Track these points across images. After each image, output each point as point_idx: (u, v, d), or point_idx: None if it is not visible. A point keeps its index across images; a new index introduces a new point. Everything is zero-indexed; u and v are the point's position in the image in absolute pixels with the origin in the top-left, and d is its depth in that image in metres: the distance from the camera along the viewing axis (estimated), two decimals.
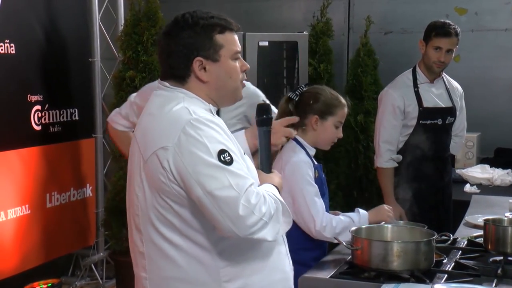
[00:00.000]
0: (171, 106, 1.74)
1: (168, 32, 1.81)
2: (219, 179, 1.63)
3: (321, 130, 2.53)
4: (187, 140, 1.65)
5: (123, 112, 2.80)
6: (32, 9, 3.36)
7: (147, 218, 1.76)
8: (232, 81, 1.82)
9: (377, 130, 3.49)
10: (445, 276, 2.16)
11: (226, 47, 1.79)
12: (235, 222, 1.62)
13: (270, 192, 1.73)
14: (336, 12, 4.84)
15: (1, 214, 3.14)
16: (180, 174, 1.66)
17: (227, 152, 1.66)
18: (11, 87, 3.20)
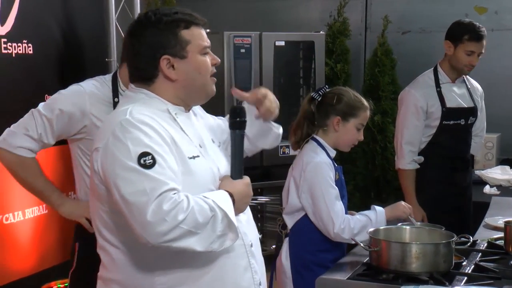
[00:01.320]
0: (122, 107, 1.71)
1: (132, 32, 1.76)
2: (134, 183, 1.57)
3: (343, 132, 2.51)
4: (113, 142, 1.62)
5: (35, 132, 2.39)
6: (50, 9, 3.38)
7: (94, 220, 1.76)
8: (201, 76, 1.76)
9: (398, 131, 3.42)
10: (464, 278, 2.13)
11: (193, 42, 1.74)
12: (144, 228, 1.55)
13: (210, 200, 1.61)
14: (353, 12, 4.82)
15: (19, 214, 3.16)
16: (104, 176, 1.63)
17: (150, 155, 1.59)
18: (29, 87, 3.21)
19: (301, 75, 4.42)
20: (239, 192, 1.72)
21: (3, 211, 3.05)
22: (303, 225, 2.52)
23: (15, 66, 3.12)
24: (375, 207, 2.54)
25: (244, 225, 1.79)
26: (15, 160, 2.38)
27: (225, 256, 1.72)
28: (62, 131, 2.42)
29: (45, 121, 2.38)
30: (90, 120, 2.42)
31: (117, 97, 2.49)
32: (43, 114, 2.39)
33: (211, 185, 1.74)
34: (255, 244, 1.83)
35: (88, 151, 2.45)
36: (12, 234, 3.12)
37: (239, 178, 1.76)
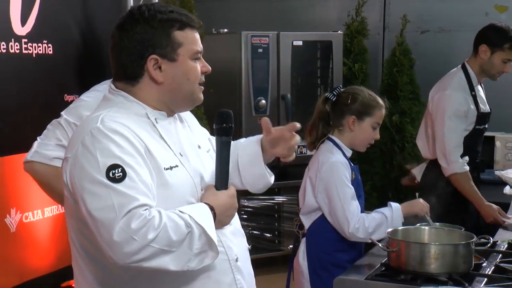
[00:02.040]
0: (97, 112, 1.61)
1: (122, 25, 1.63)
2: (101, 198, 1.45)
3: (358, 131, 2.50)
4: (82, 152, 1.51)
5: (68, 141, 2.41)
6: (69, 10, 3.40)
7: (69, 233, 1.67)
8: (189, 83, 1.64)
9: (443, 135, 3.26)
10: (484, 279, 2.11)
11: (186, 45, 1.62)
12: (111, 248, 1.43)
13: (186, 215, 1.49)
14: (372, 11, 4.79)
15: (38, 213, 3.19)
16: (73, 188, 1.53)
17: (120, 167, 1.47)
18: (48, 87, 3.24)
19: (318, 75, 4.41)
20: (221, 205, 1.59)
21: (23, 210, 3.08)
22: (320, 225, 2.51)
23: (36, 66, 3.14)
24: (391, 203, 2.53)
25: (229, 237, 1.67)
26: (52, 172, 2.28)
27: (206, 274, 1.59)
28: None
29: (75, 128, 2.30)
30: None
31: None
32: (72, 122, 2.32)
33: (190, 197, 1.61)
34: (241, 257, 1.70)
35: None
36: (31, 233, 3.15)
37: (224, 189, 1.63)
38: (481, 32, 3.33)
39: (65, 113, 2.37)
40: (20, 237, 3.07)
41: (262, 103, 3.92)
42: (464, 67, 3.36)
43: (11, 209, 3.01)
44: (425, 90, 4.56)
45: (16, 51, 3.01)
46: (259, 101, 3.92)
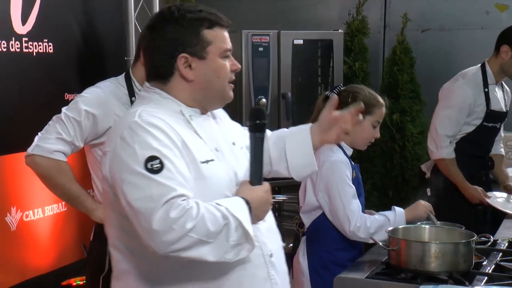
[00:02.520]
0: (134, 108, 1.64)
1: (152, 25, 1.67)
2: (141, 189, 1.49)
3: (359, 130, 2.50)
4: (121, 146, 1.55)
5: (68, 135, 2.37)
6: (70, 9, 3.41)
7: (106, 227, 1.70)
8: (219, 80, 1.67)
9: (440, 121, 3.38)
10: (485, 278, 2.11)
11: (215, 44, 1.65)
12: (151, 237, 1.47)
13: (223, 207, 1.52)
14: (372, 10, 4.78)
15: (39, 211, 3.20)
16: (113, 181, 1.56)
17: (158, 159, 1.50)
18: (49, 86, 3.24)
19: (319, 74, 4.40)
20: (257, 199, 1.61)
21: (23, 208, 3.09)
22: (320, 223, 2.51)
23: (36, 65, 3.14)
24: (395, 208, 2.52)
25: (264, 233, 1.69)
26: (53, 165, 2.33)
27: (241, 267, 1.62)
28: (89, 132, 2.40)
29: (75, 123, 2.36)
30: (114, 121, 2.39)
31: (134, 96, 2.48)
32: (71, 116, 2.36)
33: (226, 191, 1.64)
34: (276, 254, 1.72)
35: None
36: (32, 231, 3.16)
37: (258, 184, 1.65)
38: (504, 32, 3.37)
39: (65, 109, 2.41)
40: (21, 235, 3.07)
41: (262, 101, 3.91)
42: (483, 65, 3.41)
43: (11, 208, 3.02)
44: (426, 89, 4.57)
45: (17, 50, 3.01)
46: (259, 99, 3.91)
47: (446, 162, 3.38)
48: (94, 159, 2.49)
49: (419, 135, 4.49)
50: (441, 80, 4.55)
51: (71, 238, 3.44)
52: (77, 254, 3.49)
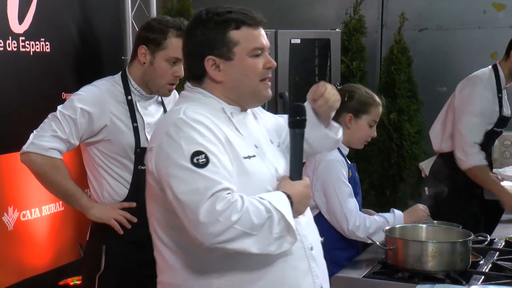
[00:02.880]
0: (178, 106, 1.71)
1: (187, 30, 1.77)
2: (187, 182, 1.54)
3: (355, 129, 2.50)
4: (166, 142, 1.61)
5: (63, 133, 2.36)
6: (67, 8, 3.40)
7: (150, 222, 1.74)
8: (249, 79, 1.71)
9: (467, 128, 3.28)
10: (482, 277, 2.11)
11: (242, 44, 1.69)
12: (197, 229, 1.52)
13: (266, 201, 1.57)
14: (370, 9, 4.79)
15: (36, 211, 3.19)
16: (159, 176, 1.62)
17: (204, 154, 1.56)
18: (46, 85, 3.24)
19: (316, 73, 4.41)
20: (298, 194, 1.66)
21: (20, 208, 3.08)
22: (317, 223, 2.51)
23: (33, 64, 3.14)
24: (394, 210, 2.52)
25: (304, 227, 1.73)
26: (48, 163, 2.34)
27: (284, 259, 1.66)
28: (85, 130, 2.39)
29: (70, 121, 2.36)
30: (110, 119, 2.40)
31: (130, 95, 2.47)
32: (67, 114, 2.36)
33: (268, 185, 1.69)
34: (315, 247, 1.77)
35: (108, 152, 2.42)
36: (29, 231, 3.15)
37: (299, 179, 1.70)
38: None
39: (60, 107, 2.41)
40: (18, 235, 3.07)
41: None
42: (495, 68, 3.36)
43: (8, 207, 3.01)
44: (423, 88, 4.58)
45: (14, 49, 3.01)
46: None
47: (478, 170, 3.27)
48: (90, 158, 2.48)
49: (417, 134, 4.50)
50: (438, 80, 4.58)
51: (69, 238, 3.43)
52: (74, 254, 3.48)
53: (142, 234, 2.43)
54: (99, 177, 2.47)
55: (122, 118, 2.43)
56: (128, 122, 2.43)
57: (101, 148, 2.44)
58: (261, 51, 1.72)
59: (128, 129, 2.43)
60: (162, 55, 2.41)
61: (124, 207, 2.44)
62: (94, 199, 2.50)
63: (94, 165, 2.47)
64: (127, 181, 2.44)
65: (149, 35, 2.42)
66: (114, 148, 2.42)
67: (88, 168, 2.52)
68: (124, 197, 2.45)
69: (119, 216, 2.41)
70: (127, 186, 2.45)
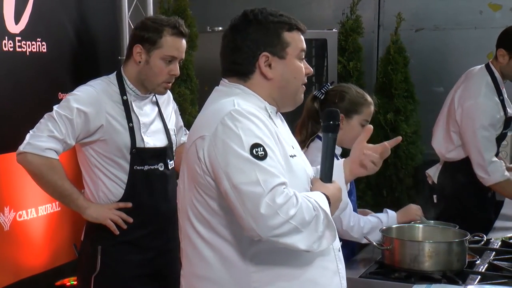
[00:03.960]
0: (223, 100, 1.70)
1: (236, 26, 1.76)
2: (247, 173, 1.55)
3: (347, 129, 2.50)
4: (223, 131, 1.60)
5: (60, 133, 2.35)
6: (63, 8, 3.39)
7: (184, 212, 1.72)
8: (295, 81, 1.76)
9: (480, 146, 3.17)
10: (478, 277, 2.12)
11: (293, 45, 1.74)
12: (256, 220, 1.52)
13: (312, 199, 1.60)
14: (366, 9, 4.79)
15: (32, 211, 3.18)
16: (212, 165, 1.60)
17: (262, 147, 1.58)
18: (43, 85, 3.23)
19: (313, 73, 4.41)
20: (333, 195, 1.70)
21: (16, 208, 3.07)
22: None
23: (29, 64, 3.13)
24: (387, 210, 2.52)
25: None
26: (44, 163, 2.33)
27: (320, 258, 1.70)
28: (81, 131, 2.39)
29: (66, 121, 2.36)
30: (106, 119, 2.40)
31: (125, 95, 2.47)
32: (63, 115, 2.36)
33: (306, 185, 1.74)
34: (341, 248, 1.82)
35: (104, 152, 2.42)
36: (25, 231, 3.14)
37: (329, 182, 1.75)
38: (500, 35, 3.26)
39: (57, 107, 2.41)
40: (14, 235, 3.06)
41: None
42: (489, 68, 3.27)
43: (4, 208, 3.00)
44: (420, 88, 4.58)
45: (10, 49, 3.00)
46: None
47: (503, 185, 3.21)
48: (85, 158, 2.48)
49: (413, 134, 4.50)
50: (435, 80, 4.59)
51: (65, 238, 3.43)
52: (71, 254, 3.48)
53: (137, 234, 2.45)
54: (94, 177, 2.46)
55: (118, 118, 2.43)
56: (124, 122, 2.43)
57: (96, 148, 2.43)
58: (304, 54, 1.78)
59: (124, 129, 2.42)
60: (157, 53, 2.42)
61: (120, 207, 2.43)
62: (89, 199, 2.49)
63: (89, 165, 2.47)
64: (123, 181, 2.44)
65: (144, 34, 2.42)
66: (109, 148, 2.42)
67: (83, 168, 2.52)
68: (119, 197, 2.44)
69: (115, 217, 2.41)
70: (123, 186, 2.44)
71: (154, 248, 2.50)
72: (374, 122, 4.46)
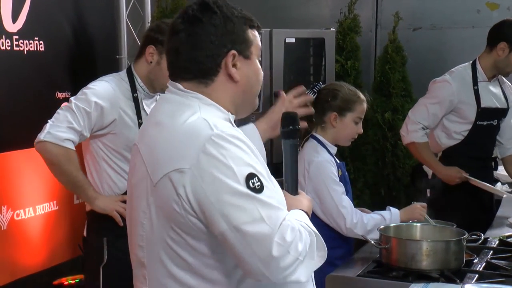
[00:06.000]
0: (185, 116, 1.42)
1: (195, 17, 1.46)
2: (249, 211, 1.33)
3: (341, 127, 2.50)
4: (208, 162, 1.34)
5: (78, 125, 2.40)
6: (61, 6, 3.39)
7: (154, 253, 1.45)
8: (257, 84, 1.54)
9: (416, 107, 3.38)
10: (476, 276, 2.12)
11: (255, 43, 1.52)
12: (267, 264, 1.33)
13: (303, 223, 1.42)
14: (364, 8, 4.79)
15: (30, 210, 3.18)
16: (200, 204, 1.36)
17: (257, 177, 1.35)
18: (40, 84, 3.22)
19: (311, 72, 4.40)
20: (308, 209, 1.54)
21: (14, 207, 3.07)
22: None
23: (27, 63, 3.13)
24: (390, 208, 2.52)
25: None
26: (62, 153, 2.40)
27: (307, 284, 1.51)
28: (96, 123, 2.46)
29: (84, 114, 2.43)
30: (119, 114, 2.48)
31: (136, 92, 2.56)
32: (82, 107, 2.43)
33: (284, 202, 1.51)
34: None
35: (113, 146, 2.50)
36: (23, 230, 3.14)
37: (295, 193, 1.58)
38: (500, 29, 3.27)
39: (74, 99, 2.48)
40: (12, 234, 3.06)
41: None
42: (473, 63, 3.37)
43: (2, 207, 3.00)
44: (417, 87, 4.58)
45: (7, 48, 3.00)
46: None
47: (416, 146, 3.35)
48: (92, 150, 2.55)
49: None
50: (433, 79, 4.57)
51: (63, 237, 3.43)
52: (68, 253, 3.47)
53: None
54: (100, 169, 2.54)
55: (130, 113, 2.51)
56: (134, 118, 2.52)
57: (105, 141, 2.51)
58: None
59: (134, 125, 2.51)
60: None
61: (125, 199, 2.45)
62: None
63: (95, 158, 2.54)
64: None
65: (159, 37, 2.49)
66: (119, 142, 2.50)
67: (90, 160, 2.58)
68: (124, 190, 2.50)
69: (121, 209, 2.48)
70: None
71: None
72: (372, 121, 4.51)
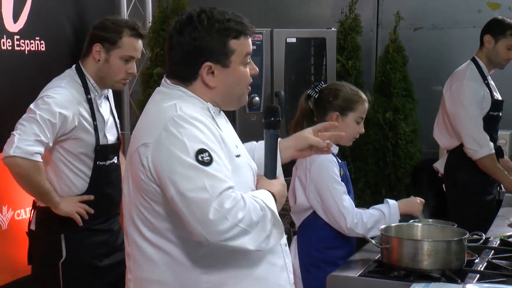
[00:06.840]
0: (164, 103, 1.68)
1: (180, 28, 1.71)
2: (193, 180, 1.55)
3: (342, 127, 2.50)
4: (166, 137, 1.60)
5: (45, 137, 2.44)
6: (62, 6, 3.40)
7: (130, 217, 1.72)
8: (239, 87, 1.76)
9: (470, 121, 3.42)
10: (477, 276, 2.12)
11: (238, 52, 1.72)
12: (205, 226, 1.53)
13: (259, 199, 1.62)
14: (365, 8, 4.79)
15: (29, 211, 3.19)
16: (157, 172, 1.61)
17: (207, 152, 1.58)
18: (41, 84, 3.23)
19: (312, 72, 4.40)
20: (277, 192, 1.72)
21: (14, 207, 3.08)
22: (310, 222, 2.52)
23: (28, 62, 3.14)
24: (388, 200, 2.53)
25: None
26: (32, 166, 2.44)
27: (268, 255, 1.72)
28: (59, 132, 2.50)
29: (49, 125, 2.45)
30: (79, 120, 2.52)
31: (89, 94, 2.59)
32: (47, 119, 2.45)
33: (252, 184, 1.75)
34: (286, 243, 1.83)
35: (72, 150, 2.54)
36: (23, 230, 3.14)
37: (273, 178, 1.77)
38: (486, 24, 3.54)
39: (38, 110, 2.48)
40: (12, 234, 3.06)
41: (255, 100, 3.91)
42: (474, 59, 3.54)
43: (2, 207, 3.01)
44: (418, 87, 4.58)
45: (8, 47, 3.00)
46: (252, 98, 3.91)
47: (489, 159, 3.41)
48: (50, 152, 2.57)
49: (412, 133, 4.50)
50: (434, 79, 4.59)
51: None
52: None
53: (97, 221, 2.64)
54: (58, 171, 2.58)
55: (87, 117, 2.56)
56: (90, 121, 2.56)
57: (65, 145, 2.55)
58: (249, 57, 1.76)
59: (91, 128, 2.56)
60: (117, 53, 2.56)
61: (84, 200, 2.59)
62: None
63: (53, 160, 2.58)
64: (87, 175, 2.58)
65: (104, 34, 2.56)
66: (77, 145, 2.54)
67: (48, 161, 2.59)
68: (83, 190, 2.59)
69: (81, 210, 2.56)
70: (87, 180, 2.59)
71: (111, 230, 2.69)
72: (373, 121, 4.50)
